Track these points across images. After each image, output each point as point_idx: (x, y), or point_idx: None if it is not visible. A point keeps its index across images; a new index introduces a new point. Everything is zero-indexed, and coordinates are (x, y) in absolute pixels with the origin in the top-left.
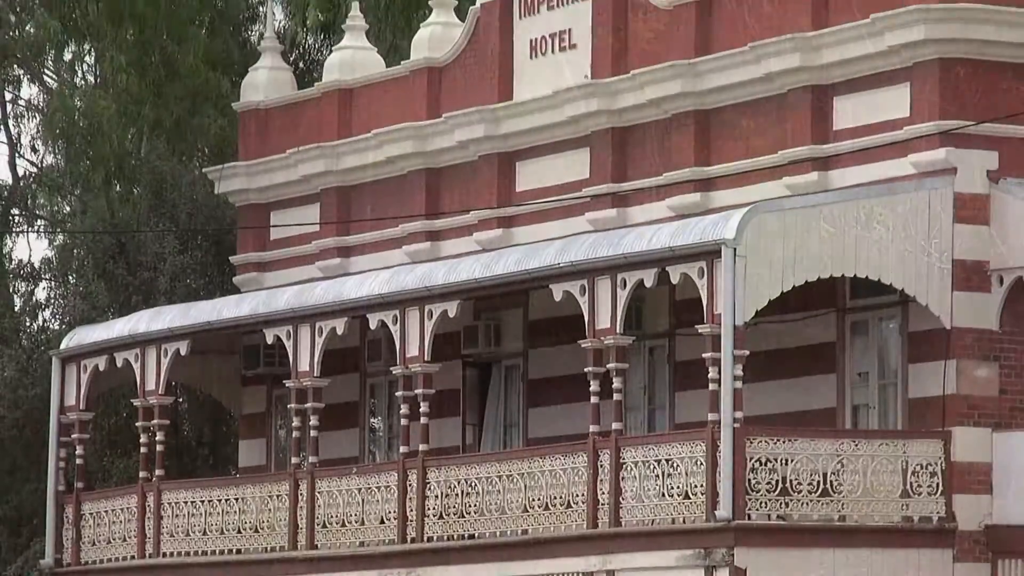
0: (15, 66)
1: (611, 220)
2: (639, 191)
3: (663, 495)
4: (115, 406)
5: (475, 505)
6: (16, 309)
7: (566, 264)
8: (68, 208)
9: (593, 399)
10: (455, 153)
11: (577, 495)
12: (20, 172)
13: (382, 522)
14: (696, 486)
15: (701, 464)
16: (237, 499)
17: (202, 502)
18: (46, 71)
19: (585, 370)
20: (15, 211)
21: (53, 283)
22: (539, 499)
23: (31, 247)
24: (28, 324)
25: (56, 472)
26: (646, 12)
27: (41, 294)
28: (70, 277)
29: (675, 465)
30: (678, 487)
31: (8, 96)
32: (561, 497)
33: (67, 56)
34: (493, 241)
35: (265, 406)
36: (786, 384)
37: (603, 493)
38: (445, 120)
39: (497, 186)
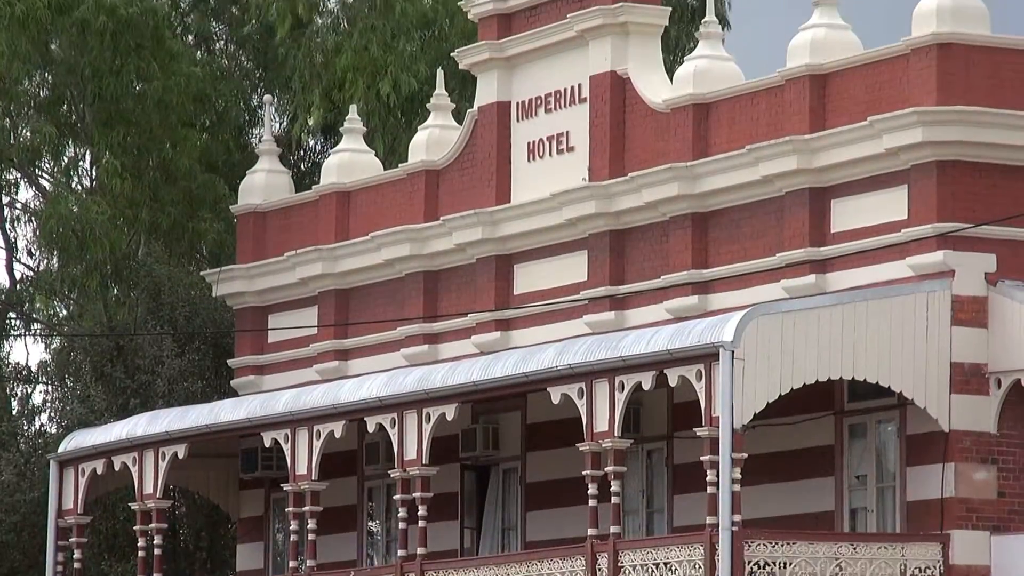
0: (12, 170)
1: (609, 323)
2: (637, 294)
3: None
4: (113, 510)
5: None
6: (13, 413)
7: (564, 367)
8: (65, 312)
9: (591, 502)
10: (453, 256)
11: None
12: (17, 276)
13: None
14: None
15: (699, 568)
16: None
17: None
18: (43, 175)
19: (583, 473)
20: (12, 315)
21: (50, 386)
22: None
23: (28, 350)
24: (25, 428)
25: None
26: (644, 115)
27: (38, 398)
28: (67, 380)
29: (673, 569)
30: None
31: (5, 200)
32: None
33: (64, 160)
34: (491, 344)
35: (263, 509)
36: (784, 487)
37: None
38: (443, 223)
39: (495, 289)
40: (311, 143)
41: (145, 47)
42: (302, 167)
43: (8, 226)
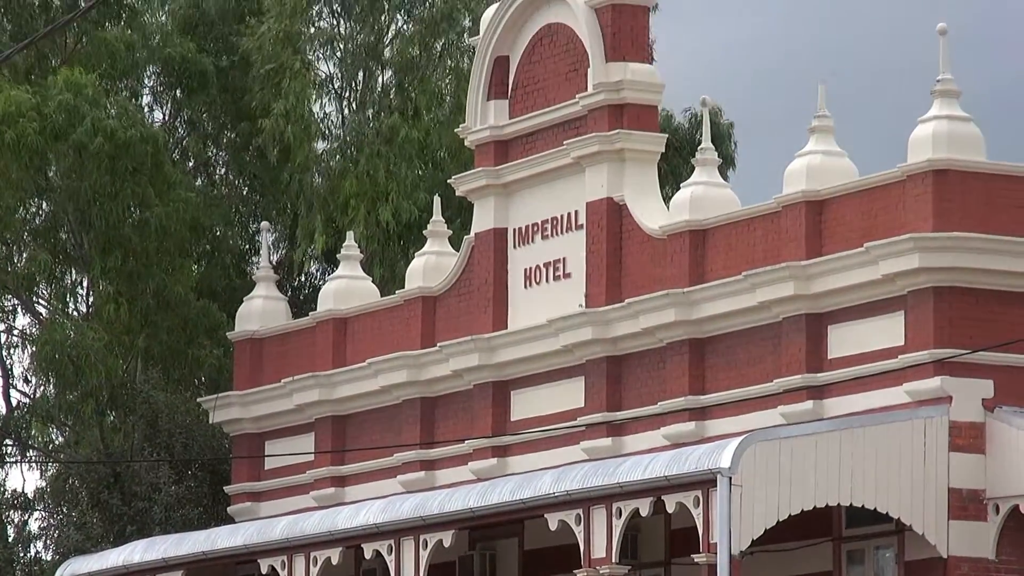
0: (8, 296)
1: (606, 449)
2: (634, 420)
3: None
4: None
5: None
6: (10, 540)
7: (561, 493)
8: (61, 438)
9: None
10: (450, 382)
11: None
12: (13, 402)
13: None
14: None
15: None
16: None
17: None
18: (39, 301)
19: None
20: (8, 441)
21: (47, 513)
22: None
23: (24, 477)
24: (22, 555)
25: None
26: (640, 241)
27: (34, 524)
28: (64, 507)
29: None
30: None
31: (1, 326)
32: None
33: (60, 286)
34: (488, 470)
35: None
36: None
37: None
38: (440, 349)
39: (492, 415)
40: (313, 269)
41: (143, 172)
42: (303, 294)
43: (4, 352)
